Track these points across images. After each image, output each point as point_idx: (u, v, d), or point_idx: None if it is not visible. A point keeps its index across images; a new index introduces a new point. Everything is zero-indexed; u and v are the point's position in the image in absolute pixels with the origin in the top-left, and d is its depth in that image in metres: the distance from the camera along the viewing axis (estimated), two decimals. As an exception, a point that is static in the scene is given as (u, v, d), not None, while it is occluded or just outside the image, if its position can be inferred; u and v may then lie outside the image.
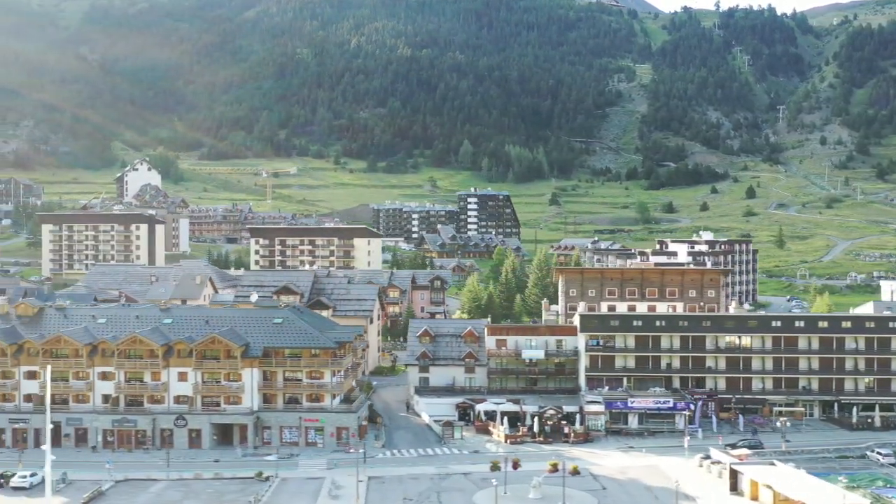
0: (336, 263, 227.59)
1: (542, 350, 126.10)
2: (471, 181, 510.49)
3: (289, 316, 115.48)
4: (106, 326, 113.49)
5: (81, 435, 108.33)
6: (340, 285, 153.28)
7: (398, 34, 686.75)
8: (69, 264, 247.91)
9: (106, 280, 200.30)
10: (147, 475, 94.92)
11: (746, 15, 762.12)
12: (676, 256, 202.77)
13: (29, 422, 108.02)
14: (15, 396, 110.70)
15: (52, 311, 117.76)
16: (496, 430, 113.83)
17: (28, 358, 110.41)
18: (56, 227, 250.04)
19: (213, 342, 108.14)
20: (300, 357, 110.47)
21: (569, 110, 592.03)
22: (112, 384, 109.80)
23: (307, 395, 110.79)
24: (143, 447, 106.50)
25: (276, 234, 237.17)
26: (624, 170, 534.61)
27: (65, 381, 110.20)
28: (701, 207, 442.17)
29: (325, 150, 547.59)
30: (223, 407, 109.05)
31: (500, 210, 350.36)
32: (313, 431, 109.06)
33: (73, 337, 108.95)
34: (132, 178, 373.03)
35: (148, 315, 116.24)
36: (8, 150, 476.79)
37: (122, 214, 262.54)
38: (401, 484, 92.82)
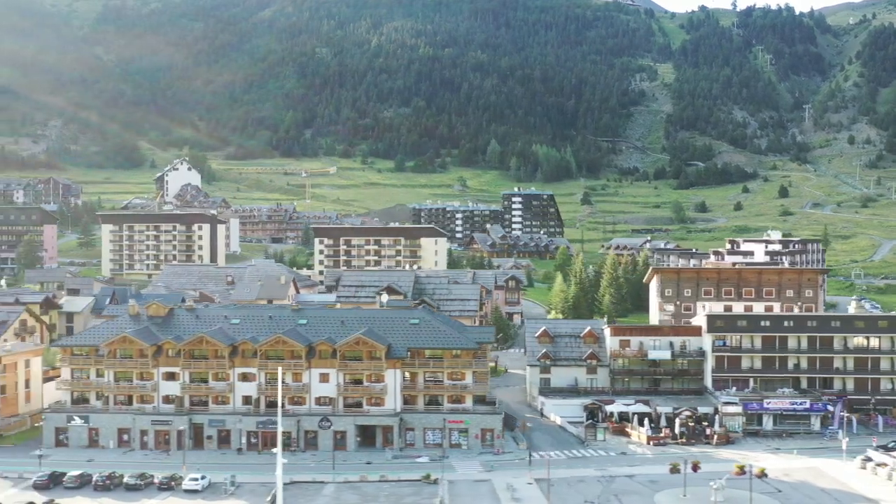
0: (403, 263, 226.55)
1: (669, 351, 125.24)
2: (499, 181, 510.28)
3: (424, 317, 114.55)
4: (241, 327, 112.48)
5: (224, 437, 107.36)
6: (441, 285, 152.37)
7: (417, 33, 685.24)
8: (130, 265, 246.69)
9: (181, 280, 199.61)
10: (312, 478, 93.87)
11: (765, 14, 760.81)
12: (753, 256, 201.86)
13: (171, 423, 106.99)
14: (154, 398, 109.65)
15: (182, 311, 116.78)
16: (635, 431, 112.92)
17: (167, 359, 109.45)
18: (116, 227, 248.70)
19: (357, 343, 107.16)
20: (442, 358, 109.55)
21: (593, 109, 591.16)
22: (253, 385, 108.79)
23: (448, 396, 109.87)
24: (289, 449, 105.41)
25: (341, 234, 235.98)
26: (652, 169, 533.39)
27: (204, 382, 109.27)
28: (735, 207, 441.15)
29: (351, 149, 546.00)
30: (366, 408, 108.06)
31: (545, 209, 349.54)
32: (457, 433, 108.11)
33: (216, 338, 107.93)
34: (172, 177, 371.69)
35: (281, 316, 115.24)
36: (39, 150, 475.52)
37: (185, 214, 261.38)
38: (570, 486, 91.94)
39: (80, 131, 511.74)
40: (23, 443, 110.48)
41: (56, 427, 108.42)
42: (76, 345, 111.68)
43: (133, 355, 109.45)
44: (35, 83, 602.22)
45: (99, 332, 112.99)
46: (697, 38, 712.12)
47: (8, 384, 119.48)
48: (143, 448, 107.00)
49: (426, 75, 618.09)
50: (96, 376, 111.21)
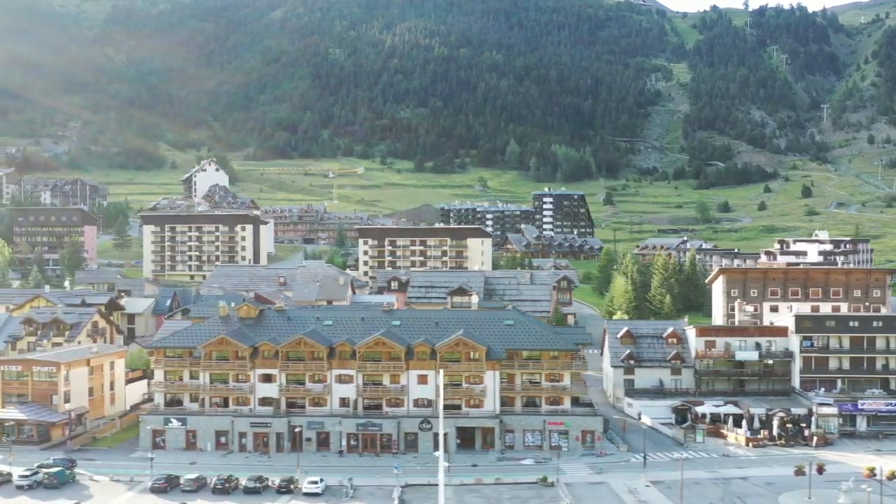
0: (449, 264, 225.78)
1: (756, 352, 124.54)
2: (519, 181, 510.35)
3: (518, 318, 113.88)
4: (334, 329, 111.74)
5: (323, 439, 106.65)
6: (512, 285, 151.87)
7: (431, 34, 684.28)
8: (171, 265, 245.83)
9: (232, 281, 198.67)
10: (427, 480, 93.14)
11: (778, 14, 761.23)
12: (806, 256, 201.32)
13: (270, 426, 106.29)
14: (250, 400, 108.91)
15: (272, 313, 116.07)
16: (732, 433, 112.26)
17: (263, 361, 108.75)
18: (158, 228, 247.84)
19: (457, 344, 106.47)
20: (539, 359, 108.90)
21: (611, 110, 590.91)
22: (351, 387, 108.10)
23: (546, 397, 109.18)
24: (391, 451, 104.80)
25: (386, 235, 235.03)
26: (671, 169, 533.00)
27: (301, 384, 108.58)
28: (759, 207, 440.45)
29: (369, 150, 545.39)
30: (465, 410, 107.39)
31: (575, 210, 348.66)
32: (556, 435, 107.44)
33: (315, 339, 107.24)
34: (200, 178, 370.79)
35: (373, 317, 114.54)
36: (60, 151, 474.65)
37: (228, 215, 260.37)
38: (688, 489, 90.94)
39: (99, 132, 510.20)
40: (118, 445, 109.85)
41: (153, 429, 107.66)
42: (170, 346, 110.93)
43: (229, 357, 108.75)
44: (49, 84, 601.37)
45: (192, 333, 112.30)
46: (711, 38, 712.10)
47: (95, 386, 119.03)
48: (241, 450, 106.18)
49: (442, 75, 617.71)
50: (190, 378, 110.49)
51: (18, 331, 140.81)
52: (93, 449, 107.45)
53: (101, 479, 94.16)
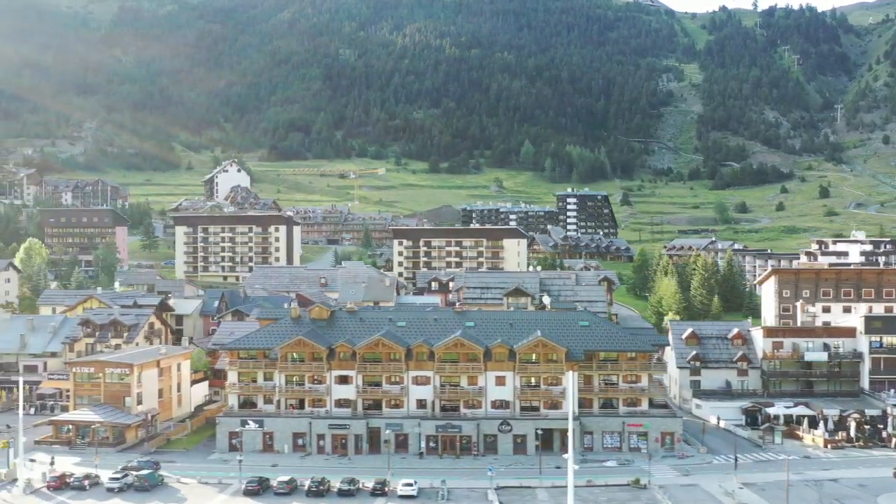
0: (485, 265, 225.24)
1: (825, 352, 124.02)
2: (534, 182, 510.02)
3: (593, 319, 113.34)
4: (409, 330, 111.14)
5: (401, 441, 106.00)
6: (567, 286, 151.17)
7: (441, 35, 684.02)
8: (204, 266, 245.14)
9: (272, 282, 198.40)
10: (520, 482, 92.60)
11: (787, 14, 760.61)
12: (848, 256, 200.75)
13: (349, 428, 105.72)
14: (326, 402, 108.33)
15: (343, 314, 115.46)
16: (809, 434, 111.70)
17: (339, 362, 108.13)
18: (190, 228, 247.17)
19: (537, 345, 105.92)
20: (617, 360, 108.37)
21: (624, 110, 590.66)
22: (428, 389, 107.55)
23: (624, 399, 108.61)
24: (471, 453, 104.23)
25: (421, 236, 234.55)
26: (686, 170, 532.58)
27: (377, 385, 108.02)
28: (777, 207, 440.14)
29: (383, 150, 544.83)
30: (544, 412, 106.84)
31: (599, 210, 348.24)
32: (635, 436, 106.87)
33: (393, 340, 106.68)
34: (222, 179, 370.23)
35: (446, 318, 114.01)
36: (77, 151, 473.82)
37: (262, 216, 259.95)
38: (782, 491, 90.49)
39: (114, 134, 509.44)
40: (194, 447, 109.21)
41: (230, 431, 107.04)
42: (244, 348, 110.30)
43: (305, 358, 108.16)
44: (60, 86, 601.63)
45: (265, 335, 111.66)
46: (722, 39, 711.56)
47: (164, 388, 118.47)
48: (319, 452, 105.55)
49: (454, 76, 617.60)
50: (264, 380, 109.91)
51: (76, 332, 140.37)
52: (169, 451, 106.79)
53: (188, 481, 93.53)
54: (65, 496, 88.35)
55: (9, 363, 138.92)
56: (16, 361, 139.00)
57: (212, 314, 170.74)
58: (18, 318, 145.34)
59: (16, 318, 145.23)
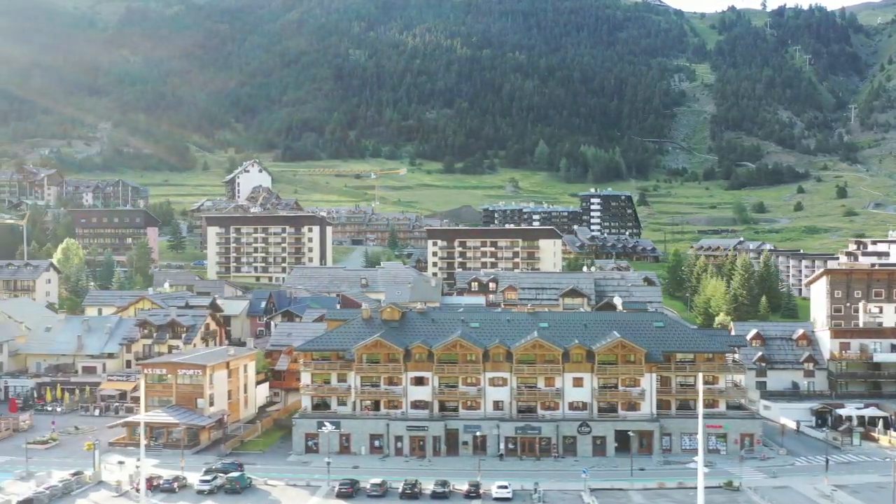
0: (521, 266, 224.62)
1: (894, 353, 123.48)
2: (550, 182, 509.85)
3: (667, 320, 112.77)
4: (482, 331, 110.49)
5: (480, 443, 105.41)
6: (622, 287, 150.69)
7: (451, 35, 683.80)
8: (237, 267, 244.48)
9: (312, 282, 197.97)
10: (610, 485, 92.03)
11: (797, 14, 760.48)
12: (889, 257, 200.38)
13: (427, 429, 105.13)
14: (402, 403, 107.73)
15: (415, 315, 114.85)
16: (886, 435, 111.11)
17: (415, 363, 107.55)
18: (222, 229, 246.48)
19: (616, 346, 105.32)
20: (694, 361, 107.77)
21: (637, 110, 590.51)
22: (504, 390, 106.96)
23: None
24: (552, 455, 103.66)
25: (456, 236, 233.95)
26: (700, 170, 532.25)
27: (453, 386, 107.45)
28: (795, 207, 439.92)
29: (396, 151, 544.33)
30: (622, 413, 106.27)
31: (623, 210, 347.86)
32: (714, 438, 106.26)
33: (471, 342, 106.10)
34: (244, 179, 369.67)
35: (519, 319, 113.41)
36: (93, 152, 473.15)
37: (295, 216, 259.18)
38: (876, 493, 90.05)
39: (129, 134, 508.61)
40: (269, 449, 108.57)
41: (306, 433, 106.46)
42: (318, 349, 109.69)
43: (381, 359, 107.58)
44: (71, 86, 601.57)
45: (339, 336, 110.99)
46: (733, 39, 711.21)
47: (233, 389, 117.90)
48: (397, 454, 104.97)
49: (466, 76, 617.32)
50: (338, 381, 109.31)
51: (133, 333, 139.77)
52: (245, 453, 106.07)
53: (276, 483, 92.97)
54: (156, 499, 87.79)
55: (66, 364, 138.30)
56: (73, 363, 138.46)
57: (259, 315, 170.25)
58: (73, 320, 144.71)
59: (70, 320, 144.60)
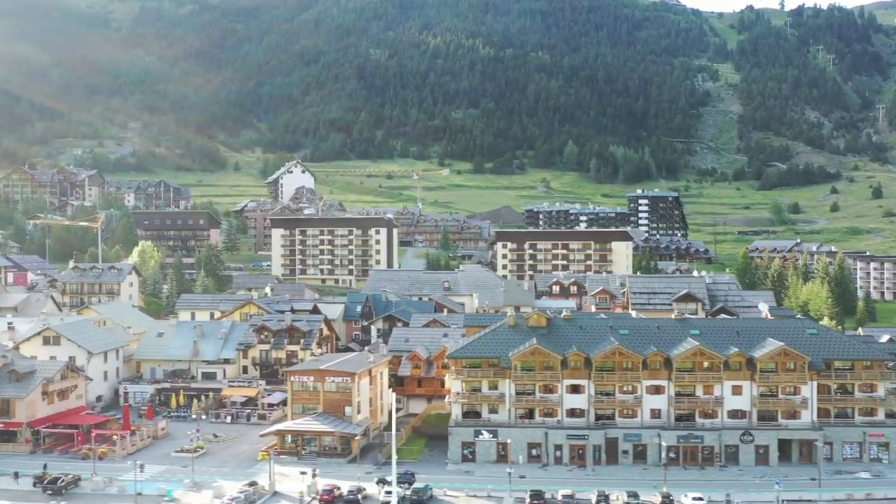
0: (593, 268, 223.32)
1: None
2: (580, 182, 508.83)
3: (819, 326, 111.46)
4: (633, 338, 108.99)
5: (640, 452, 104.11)
6: (732, 292, 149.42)
7: (472, 35, 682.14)
8: (302, 269, 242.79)
9: (393, 285, 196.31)
10: (799, 496, 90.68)
11: (816, 14, 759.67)
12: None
13: (588, 438, 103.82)
14: (557, 411, 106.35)
15: (561, 321, 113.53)
16: None
17: (571, 371, 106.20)
18: (287, 231, 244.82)
19: (779, 354, 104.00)
20: (853, 369, 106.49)
21: (664, 110, 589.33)
22: (662, 398, 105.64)
23: (860, 408, 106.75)
24: (715, 464, 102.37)
25: (526, 239, 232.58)
26: (730, 170, 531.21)
27: (609, 395, 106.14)
28: (831, 208, 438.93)
29: (425, 151, 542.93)
30: (783, 421, 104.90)
31: (670, 211, 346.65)
32: (875, 447, 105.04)
33: (632, 349, 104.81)
34: (287, 180, 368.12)
35: (668, 327, 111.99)
36: (126, 152, 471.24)
37: (363, 218, 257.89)
38: None
39: (159, 134, 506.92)
40: (423, 457, 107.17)
41: (462, 441, 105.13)
42: (471, 356, 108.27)
43: (535, 367, 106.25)
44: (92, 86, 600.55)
45: (488, 343, 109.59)
46: (754, 39, 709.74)
47: (373, 396, 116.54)
48: (556, 463, 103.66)
49: (490, 76, 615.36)
50: (489, 389, 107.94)
51: (249, 338, 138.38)
52: (400, 461, 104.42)
53: (456, 494, 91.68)
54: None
55: (181, 370, 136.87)
56: (188, 368, 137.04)
57: (355, 319, 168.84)
58: (184, 325, 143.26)
59: (182, 325, 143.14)
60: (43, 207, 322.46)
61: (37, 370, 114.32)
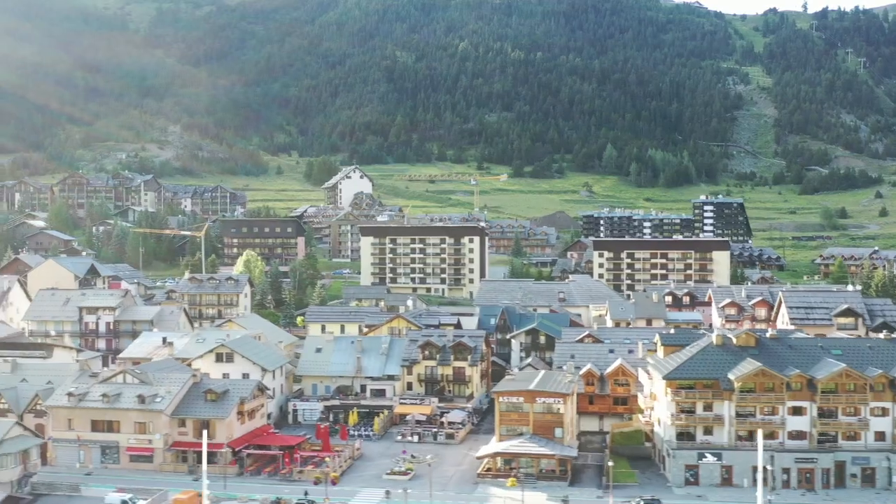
0: (693, 277, 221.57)
1: None
2: (620, 186, 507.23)
3: None
4: (848, 358, 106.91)
5: (868, 475, 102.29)
6: (888, 306, 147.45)
7: (499, 37, 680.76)
8: (392, 278, 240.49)
9: (504, 296, 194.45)
10: None
11: (841, 16, 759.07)
12: None
13: (816, 461, 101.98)
14: (779, 433, 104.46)
15: (769, 341, 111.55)
16: None
17: (793, 393, 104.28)
18: (377, 239, 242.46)
19: None
20: None
21: (698, 114, 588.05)
22: (886, 420, 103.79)
23: None
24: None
25: (624, 248, 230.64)
26: (769, 174, 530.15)
27: (831, 417, 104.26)
28: (880, 213, 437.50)
29: (462, 154, 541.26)
30: None
31: (735, 217, 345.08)
32: None
33: (859, 370, 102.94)
34: (346, 185, 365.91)
35: (879, 346, 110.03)
36: (169, 156, 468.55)
37: (455, 227, 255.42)
38: None
39: (200, 137, 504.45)
40: (639, 480, 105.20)
41: (685, 464, 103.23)
42: (689, 377, 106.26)
43: (755, 388, 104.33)
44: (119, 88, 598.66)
45: (702, 363, 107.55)
46: (782, 41, 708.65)
47: (571, 417, 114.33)
48: (784, 487, 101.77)
49: (522, 79, 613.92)
50: (703, 410, 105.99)
51: (413, 354, 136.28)
52: (621, 484, 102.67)
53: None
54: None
55: (345, 386, 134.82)
56: (351, 384, 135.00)
57: (490, 331, 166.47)
58: (342, 340, 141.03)
59: (340, 340, 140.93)
60: (107, 213, 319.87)
61: (230, 389, 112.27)
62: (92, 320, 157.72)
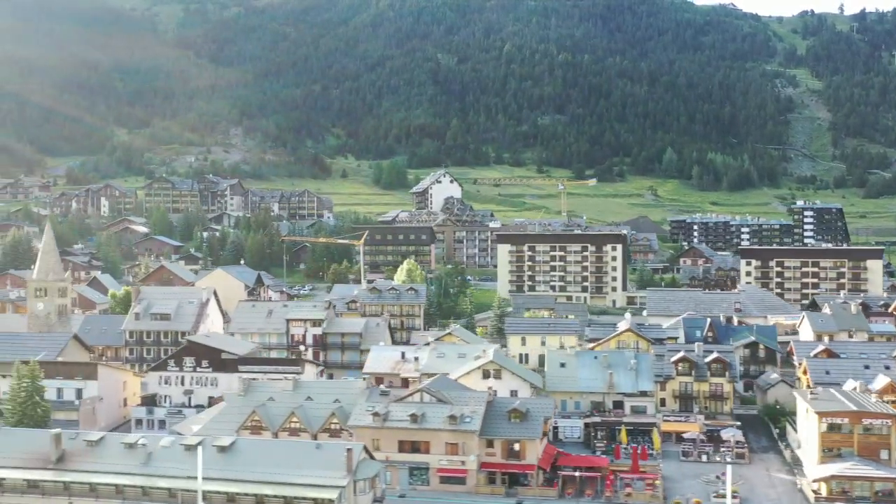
0: (846, 287, 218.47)
1: None
2: (683, 190, 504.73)
3: None
4: None
5: None
6: None
7: (541, 40, 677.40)
8: (531, 286, 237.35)
9: (674, 305, 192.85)
10: None
11: (881, 18, 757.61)
12: None
13: None
14: None
15: None
16: None
17: None
18: (514, 247, 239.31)
19: None
20: None
21: (752, 117, 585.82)
22: None
23: None
24: None
25: (772, 256, 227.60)
26: (829, 177, 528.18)
27: None
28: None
29: (520, 157, 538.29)
30: None
31: (834, 223, 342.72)
32: None
33: None
34: (436, 190, 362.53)
35: None
36: (236, 159, 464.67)
37: (595, 234, 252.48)
38: None
39: (263, 141, 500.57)
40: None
41: None
42: None
43: None
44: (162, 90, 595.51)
45: None
46: (825, 43, 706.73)
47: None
48: None
49: (571, 82, 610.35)
50: None
51: (666, 370, 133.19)
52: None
53: None
54: None
55: (596, 402, 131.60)
56: (603, 401, 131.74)
57: (698, 342, 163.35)
58: (584, 354, 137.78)
59: (582, 355, 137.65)
60: (204, 220, 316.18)
61: (530, 408, 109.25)
62: (299, 332, 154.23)
